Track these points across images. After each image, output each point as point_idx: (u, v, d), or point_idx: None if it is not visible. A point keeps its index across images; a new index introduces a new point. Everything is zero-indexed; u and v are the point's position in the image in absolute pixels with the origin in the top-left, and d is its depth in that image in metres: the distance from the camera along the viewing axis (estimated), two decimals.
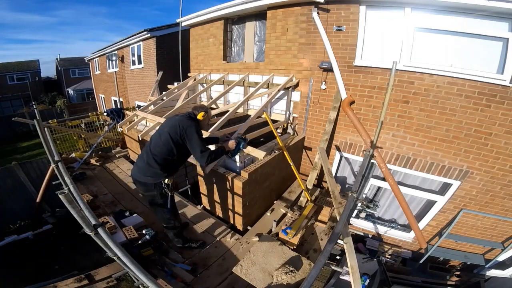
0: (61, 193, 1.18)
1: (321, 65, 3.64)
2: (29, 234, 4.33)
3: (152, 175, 2.30)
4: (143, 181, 2.34)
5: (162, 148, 2.27)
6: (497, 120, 2.83)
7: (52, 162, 2.39)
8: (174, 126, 2.28)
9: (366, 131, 2.72)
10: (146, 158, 2.30)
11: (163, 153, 2.28)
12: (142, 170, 2.32)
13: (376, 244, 4.05)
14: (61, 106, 17.41)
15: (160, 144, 2.28)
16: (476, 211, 3.30)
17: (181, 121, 2.30)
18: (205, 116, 2.49)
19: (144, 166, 2.31)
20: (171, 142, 2.25)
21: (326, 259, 1.68)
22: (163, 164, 2.29)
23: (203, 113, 2.45)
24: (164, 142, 2.27)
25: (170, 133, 2.26)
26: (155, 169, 2.27)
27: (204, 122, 2.55)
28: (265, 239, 2.70)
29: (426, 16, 2.97)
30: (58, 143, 5.82)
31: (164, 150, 2.27)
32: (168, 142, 2.26)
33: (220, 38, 5.09)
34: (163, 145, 2.27)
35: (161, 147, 2.27)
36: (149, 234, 2.81)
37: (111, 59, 9.85)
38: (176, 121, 2.31)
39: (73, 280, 2.27)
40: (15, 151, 11.69)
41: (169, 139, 2.25)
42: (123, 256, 1.35)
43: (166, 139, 2.26)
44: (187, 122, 2.29)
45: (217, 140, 2.88)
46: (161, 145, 2.28)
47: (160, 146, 2.28)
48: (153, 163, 2.26)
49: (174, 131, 2.26)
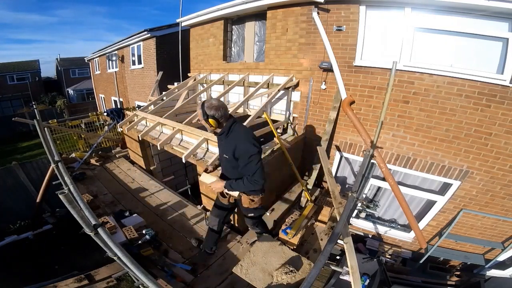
0: (61, 193, 1.18)
1: (321, 65, 3.64)
2: (29, 234, 4.33)
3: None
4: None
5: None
6: (497, 120, 2.83)
7: (52, 162, 2.38)
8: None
9: (366, 131, 2.72)
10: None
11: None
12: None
13: (376, 244, 4.05)
14: (61, 106, 17.41)
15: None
16: (476, 211, 3.30)
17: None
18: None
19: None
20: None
21: (326, 259, 1.68)
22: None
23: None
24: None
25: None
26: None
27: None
28: (265, 239, 2.70)
29: (426, 16, 2.97)
30: (58, 143, 5.83)
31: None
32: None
33: (220, 38, 5.09)
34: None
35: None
36: (149, 234, 2.81)
37: (111, 59, 9.85)
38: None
39: (73, 280, 2.27)
40: (15, 151, 11.69)
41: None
42: (123, 256, 1.35)
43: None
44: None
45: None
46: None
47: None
48: None
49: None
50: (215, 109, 1.83)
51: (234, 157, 1.96)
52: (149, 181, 4.28)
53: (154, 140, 3.77)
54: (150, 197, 3.83)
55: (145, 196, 3.85)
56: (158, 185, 4.17)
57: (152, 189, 4.03)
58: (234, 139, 1.94)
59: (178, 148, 3.44)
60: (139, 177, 4.41)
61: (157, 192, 3.95)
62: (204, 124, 1.92)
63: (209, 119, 1.84)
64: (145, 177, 4.42)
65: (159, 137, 3.87)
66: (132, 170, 4.67)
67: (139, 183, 4.23)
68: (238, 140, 1.92)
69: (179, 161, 3.12)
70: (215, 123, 1.87)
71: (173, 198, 3.80)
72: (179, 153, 3.32)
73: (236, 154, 1.93)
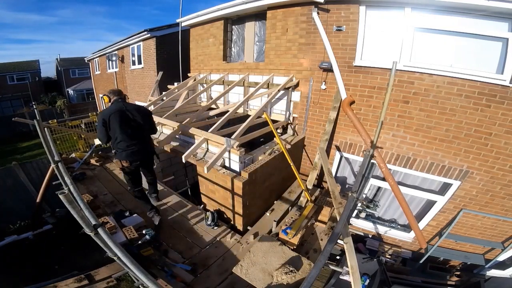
0: (61, 193, 1.18)
1: (321, 65, 3.64)
2: (29, 234, 4.32)
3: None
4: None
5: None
6: (497, 120, 2.83)
7: (52, 162, 2.38)
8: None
9: (366, 131, 2.72)
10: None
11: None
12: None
13: (376, 244, 4.05)
14: (61, 106, 17.40)
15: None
16: (476, 211, 3.30)
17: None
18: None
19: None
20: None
21: (326, 259, 1.68)
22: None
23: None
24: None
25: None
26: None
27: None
28: (265, 239, 2.70)
29: (426, 16, 2.97)
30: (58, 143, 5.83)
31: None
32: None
33: (220, 38, 5.09)
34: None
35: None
36: (149, 234, 2.80)
37: (111, 59, 9.85)
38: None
39: (73, 280, 2.27)
40: (15, 151, 11.68)
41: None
42: (123, 256, 1.35)
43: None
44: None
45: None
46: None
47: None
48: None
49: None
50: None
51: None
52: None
53: (153, 140, 3.77)
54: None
55: None
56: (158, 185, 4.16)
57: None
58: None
59: (178, 148, 3.44)
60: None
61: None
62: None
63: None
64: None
65: (159, 137, 3.87)
66: None
67: None
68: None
69: (179, 161, 3.13)
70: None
71: (173, 198, 3.80)
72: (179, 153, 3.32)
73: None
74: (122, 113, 2.66)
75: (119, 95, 2.79)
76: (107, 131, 2.64)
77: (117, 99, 2.77)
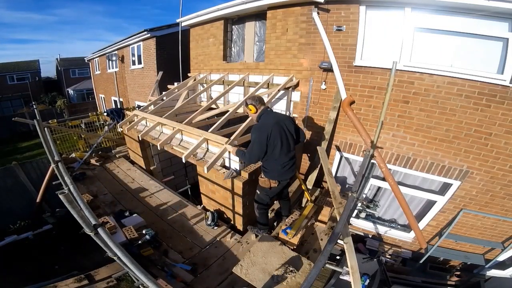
0: (61, 193, 1.18)
1: (321, 65, 3.64)
2: (29, 234, 4.33)
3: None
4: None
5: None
6: (497, 120, 2.83)
7: (52, 162, 2.39)
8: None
9: (366, 131, 2.71)
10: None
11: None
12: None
13: (376, 244, 4.05)
14: (61, 106, 17.40)
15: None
16: (476, 211, 3.30)
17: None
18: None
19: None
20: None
21: (326, 259, 1.68)
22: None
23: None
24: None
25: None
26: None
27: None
28: (265, 239, 2.70)
29: (426, 16, 2.97)
30: (58, 143, 5.83)
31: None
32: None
33: (220, 38, 5.09)
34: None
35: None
36: (149, 234, 2.81)
37: (111, 59, 9.86)
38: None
39: (73, 280, 2.27)
40: (15, 151, 11.68)
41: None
42: (123, 256, 1.35)
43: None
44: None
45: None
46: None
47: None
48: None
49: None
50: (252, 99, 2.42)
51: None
52: (149, 181, 4.29)
53: (154, 140, 3.77)
54: (150, 197, 3.84)
55: (145, 196, 3.85)
56: (158, 185, 4.17)
57: (152, 189, 4.04)
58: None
59: (178, 148, 3.44)
60: (139, 177, 4.41)
61: (157, 192, 3.95)
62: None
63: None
64: (145, 177, 4.42)
65: (159, 137, 3.87)
66: (132, 170, 4.67)
67: (139, 183, 4.23)
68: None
69: (179, 161, 3.13)
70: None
71: (173, 198, 3.80)
72: (179, 153, 3.32)
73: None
74: (280, 126, 2.34)
75: (265, 103, 2.44)
76: (267, 148, 2.31)
77: (265, 108, 2.42)
